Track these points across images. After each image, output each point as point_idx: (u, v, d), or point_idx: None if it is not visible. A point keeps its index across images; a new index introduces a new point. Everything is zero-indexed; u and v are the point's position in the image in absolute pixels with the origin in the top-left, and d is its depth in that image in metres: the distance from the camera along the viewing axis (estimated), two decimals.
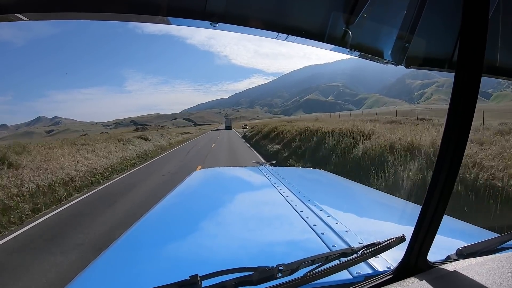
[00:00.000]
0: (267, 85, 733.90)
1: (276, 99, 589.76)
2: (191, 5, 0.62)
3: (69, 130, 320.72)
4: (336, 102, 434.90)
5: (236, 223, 1.10)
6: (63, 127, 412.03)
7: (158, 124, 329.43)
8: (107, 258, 0.85)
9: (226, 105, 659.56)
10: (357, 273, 0.67)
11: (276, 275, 0.58)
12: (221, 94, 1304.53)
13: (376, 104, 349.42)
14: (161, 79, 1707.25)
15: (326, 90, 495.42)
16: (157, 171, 10.30)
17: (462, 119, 0.56)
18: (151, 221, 1.17)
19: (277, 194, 1.37)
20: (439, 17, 0.75)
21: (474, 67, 0.54)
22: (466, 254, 0.68)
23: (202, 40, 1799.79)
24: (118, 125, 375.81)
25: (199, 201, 1.52)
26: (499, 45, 0.75)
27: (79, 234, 4.33)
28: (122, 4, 0.60)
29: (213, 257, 0.81)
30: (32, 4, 0.56)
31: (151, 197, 6.27)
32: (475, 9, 0.52)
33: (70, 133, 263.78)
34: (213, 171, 2.52)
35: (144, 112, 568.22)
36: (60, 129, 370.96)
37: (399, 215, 1.29)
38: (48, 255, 3.64)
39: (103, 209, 5.63)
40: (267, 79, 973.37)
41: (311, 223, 0.97)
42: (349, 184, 2.01)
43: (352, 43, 0.72)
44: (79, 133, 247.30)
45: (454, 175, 0.58)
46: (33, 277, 3.12)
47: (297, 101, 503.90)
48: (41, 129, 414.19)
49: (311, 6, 0.70)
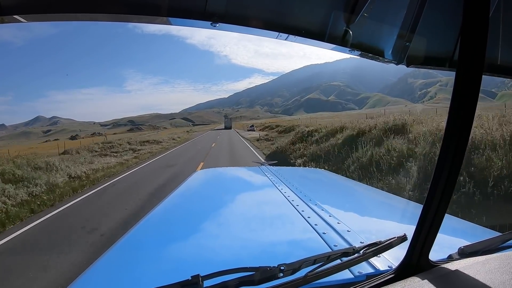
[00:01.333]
0: (267, 84, 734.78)
1: (276, 98, 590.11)
2: (191, 5, 0.63)
3: (65, 131, 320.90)
4: (338, 102, 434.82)
5: (237, 223, 1.11)
6: (60, 127, 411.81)
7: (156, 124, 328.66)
8: (109, 258, 0.86)
9: (225, 105, 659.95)
10: (359, 272, 0.68)
11: (278, 275, 0.58)
12: (220, 94, 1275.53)
13: (379, 103, 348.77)
14: (161, 79, 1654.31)
15: (327, 89, 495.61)
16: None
17: (463, 118, 0.56)
18: (153, 222, 1.18)
19: (278, 194, 1.38)
20: (439, 16, 0.76)
21: (475, 65, 0.55)
22: (468, 253, 0.68)
23: (202, 39, 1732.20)
24: (116, 125, 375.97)
25: (201, 201, 1.53)
26: (500, 44, 0.76)
27: None
28: (123, 5, 0.61)
29: (214, 257, 0.82)
30: (33, 5, 0.57)
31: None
32: (475, 7, 0.53)
33: (67, 133, 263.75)
34: (214, 171, 2.53)
35: (144, 112, 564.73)
36: (57, 129, 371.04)
37: (401, 214, 1.31)
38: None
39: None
40: (267, 78, 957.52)
41: (312, 222, 0.98)
42: (350, 184, 2.02)
43: (352, 42, 0.73)
44: (76, 133, 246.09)
45: (455, 174, 0.59)
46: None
47: (297, 100, 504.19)
48: (38, 129, 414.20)
49: (311, 5, 0.71)
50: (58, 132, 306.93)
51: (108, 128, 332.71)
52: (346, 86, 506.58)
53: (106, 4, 0.60)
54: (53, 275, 3.31)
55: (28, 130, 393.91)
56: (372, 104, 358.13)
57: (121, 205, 6.15)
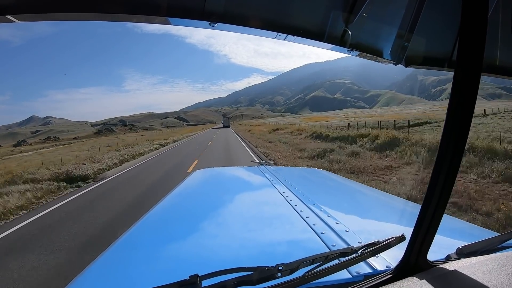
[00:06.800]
0: (266, 83, 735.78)
1: (277, 97, 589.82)
2: (190, 5, 0.67)
3: (53, 131, 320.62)
4: (345, 99, 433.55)
5: (235, 223, 1.15)
6: (49, 127, 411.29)
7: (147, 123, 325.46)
8: (107, 258, 0.90)
9: (224, 104, 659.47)
10: (357, 272, 0.71)
11: (276, 275, 0.61)
12: (219, 93, 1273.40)
13: (392, 101, 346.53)
14: (159, 79, 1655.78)
15: (331, 87, 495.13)
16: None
17: (461, 118, 0.59)
18: (151, 221, 1.23)
19: (276, 194, 1.43)
20: (438, 16, 0.79)
21: (474, 66, 0.58)
22: (466, 253, 0.72)
23: (202, 39, 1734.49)
24: (106, 124, 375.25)
25: (199, 201, 1.58)
26: (499, 44, 0.80)
27: None
28: (122, 5, 0.65)
29: (213, 257, 0.86)
30: (33, 5, 0.60)
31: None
32: (474, 8, 0.55)
33: (54, 134, 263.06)
34: (212, 171, 2.57)
35: (141, 111, 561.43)
36: (46, 130, 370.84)
37: (399, 214, 1.35)
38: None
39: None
40: (266, 78, 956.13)
41: (310, 222, 1.02)
42: (348, 184, 2.07)
43: (351, 42, 0.77)
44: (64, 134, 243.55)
45: (454, 174, 0.62)
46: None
47: (301, 98, 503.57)
48: (27, 129, 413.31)
49: (310, 5, 0.74)
50: (46, 133, 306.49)
51: (98, 128, 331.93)
52: (352, 83, 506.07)
53: (106, 4, 0.64)
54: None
55: (16, 131, 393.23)
56: (385, 103, 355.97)
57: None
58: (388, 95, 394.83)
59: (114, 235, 1.14)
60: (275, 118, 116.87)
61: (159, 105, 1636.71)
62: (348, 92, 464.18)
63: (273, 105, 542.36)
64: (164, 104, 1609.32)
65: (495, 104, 48.89)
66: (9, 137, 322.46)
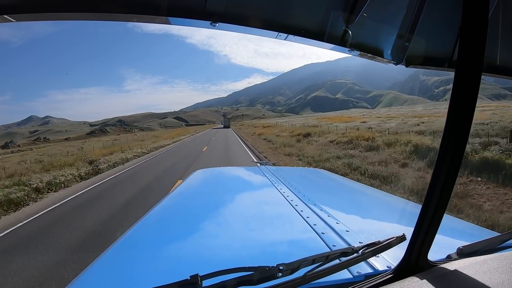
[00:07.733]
0: (267, 83, 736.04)
1: (278, 97, 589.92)
2: (191, 5, 0.68)
3: (51, 131, 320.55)
4: (347, 100, 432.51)
5: (236, 223, 1.16)
6: (48, 127, 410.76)
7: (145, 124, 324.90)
8: (107, 258, 0.91)
9: (224, 104, 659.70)
10: (358, 272, 0.72)
11: (277, 275, 0.62)
12: (220, 93, 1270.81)
13: (395, 102, 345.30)
14: (160, 79, 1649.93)
15: (333, 87, 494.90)
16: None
17: (462, 118, 0.60)
18: (152, 221, 1.24)
19: (277, 194, 1.44)
20: (439, 16, 0.80)
21: (474, 66, 0.59)
22: (466, 253, 0.72)
23: (202, 39, 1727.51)
24: (105, 125, 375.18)
25: (200, 201, 1.59)
26: (499, 44, 0.80)
27: None
28: (123, 5, 0.65)
29: (214, 257, 0.86)
30: (32, 5, 0.61)
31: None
32: (475, 8, 0.56)
33: (51, 134, 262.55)
34: (213, 171, 2.59)
35: (140, 111, 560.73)
36: (44, 130, 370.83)
37: (400, 214, 1.36)
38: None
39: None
40: (267, 78, 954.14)
41: (311, 222, 1.03)
42: (349, 184, 2.08)
43: (352, 42, 0.77)
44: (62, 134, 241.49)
45: (454, 174, 0.63)
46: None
47: (302, 98, 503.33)
48: (26, 129, 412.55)
49: (311, 5, 0.75)
50: (44, 133, 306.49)
51: (96, 128, 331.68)
52: (353, 83, 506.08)
53: (106, 4, 0.65)
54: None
55: (14, 130, 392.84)
56: (388, 103, 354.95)
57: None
58: (390, 95, 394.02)
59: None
60: (278, 119, 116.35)
61: (159, 105, 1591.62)
62: (350, 92, 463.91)
63: (273, 105, 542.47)
64: (164, 104, 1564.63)
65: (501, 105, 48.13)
66: (6, 137, 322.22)
